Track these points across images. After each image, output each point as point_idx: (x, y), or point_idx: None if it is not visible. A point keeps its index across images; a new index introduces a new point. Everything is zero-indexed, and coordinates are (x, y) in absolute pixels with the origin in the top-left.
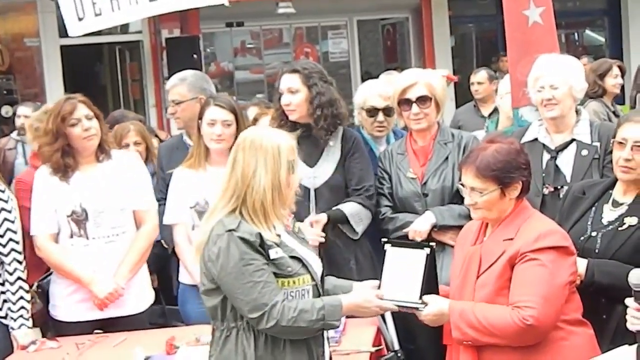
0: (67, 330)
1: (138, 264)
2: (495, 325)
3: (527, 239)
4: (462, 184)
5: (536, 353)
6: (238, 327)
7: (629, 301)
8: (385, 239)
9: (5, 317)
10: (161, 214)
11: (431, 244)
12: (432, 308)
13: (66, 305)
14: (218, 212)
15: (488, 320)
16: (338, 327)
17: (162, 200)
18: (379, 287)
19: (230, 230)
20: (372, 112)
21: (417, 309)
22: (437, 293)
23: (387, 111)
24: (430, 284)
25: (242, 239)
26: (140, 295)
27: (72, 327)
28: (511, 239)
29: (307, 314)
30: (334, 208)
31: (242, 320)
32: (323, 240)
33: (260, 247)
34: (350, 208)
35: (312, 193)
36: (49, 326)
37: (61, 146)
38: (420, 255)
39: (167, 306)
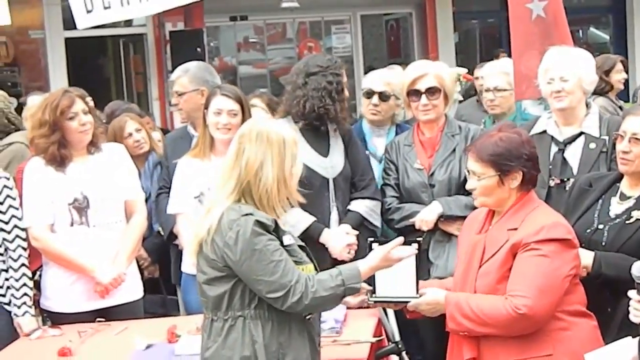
0: (62, 322)
1: (134, 252)
2: (488, 314)
3: (531, 229)
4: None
5: (535, 343)
6: (245, 316)
7: (632, 293)
8: (372, 238)
9: (8, 304)
10: (161, 202)
11: (418, 239)
12: (427, 297)
13: (62, 296)
14: (222, 203)
15: (481, 310)
16: (359, 290)
17: (164, 188)
18: (373, 287)
19: (247, 214)
20: (369, 93)
21: None
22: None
23: (383, 96)
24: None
25: (260, 222)
26: (133, 284)
27: (68, 318)
28: (515, 228)
29: (326, 282)
30: (348, 211)
31: (250, 308)
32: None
33: (274, 232)
34: (362, 207)
35: (331, 183)
36: (45, 317)
37: (57, 139)
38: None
39: (169, 296)
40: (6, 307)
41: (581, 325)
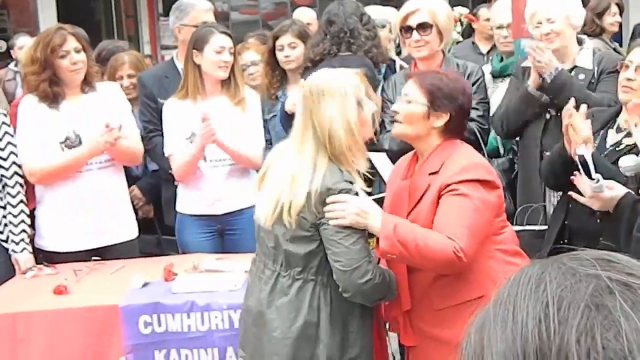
0: (56, 261)
1: (123, 147)
2: (433, 249)
3: (451, 171)
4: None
5: (470, 285)
6: (317, 281)
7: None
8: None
9: (6, 241)
10: (158, 144)
11: None
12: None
13: (56, 235)
14: (308, 164)
15: (426, 243)
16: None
17: (156, 131)
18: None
19: (348, 182)
20: None
21: None
22: None
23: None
24: None
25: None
26: (128, 223)
27: (63, 257)
28: (436, 172)
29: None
30: None
31: (324, 275)
32: None
33: None
34: None
35: None
36: (40, 256)
37: (48, 76)
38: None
39: (163, 236)
40: (4, 244)
41: (517, 265)
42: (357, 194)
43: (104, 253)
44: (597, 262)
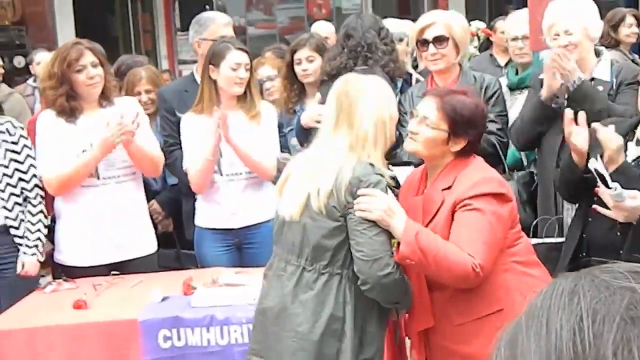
0: (76, 275)
1: (139, 147)
2: (452, 261)
3: (464, 187)
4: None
5: (487, 300)
6: (342, 275)
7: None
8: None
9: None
10: (178, 158)
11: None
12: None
13: (75, 250)
14: (340, 158)
15: (446, 254)
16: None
17: (176, 145)
18: None
19: (379, 174)
20: None
21: None
22: None
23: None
24: None
25: (388, 185)
26: (147, 238)
27: (82, 272)
28: (449, 187)
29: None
30: None
31: (349, 270)
32: None
33: None
34: None
35: None
36: (59, 271)
37: (65, 91)
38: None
39: (182, 250)
40: None
41: (533, 276)
42: (387, 188)
43: (123, 267)
44: (631, 275)
